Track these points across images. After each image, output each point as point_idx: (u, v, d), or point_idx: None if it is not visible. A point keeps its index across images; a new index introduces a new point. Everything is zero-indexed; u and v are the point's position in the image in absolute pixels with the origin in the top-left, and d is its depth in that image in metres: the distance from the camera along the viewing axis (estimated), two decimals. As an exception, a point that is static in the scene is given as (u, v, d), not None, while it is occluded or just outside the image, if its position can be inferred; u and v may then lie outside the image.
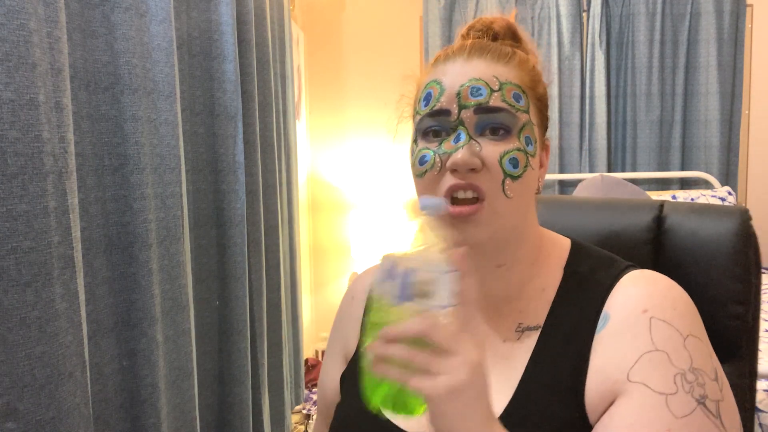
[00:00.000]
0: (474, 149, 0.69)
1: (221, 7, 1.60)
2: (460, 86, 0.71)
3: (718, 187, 3.25)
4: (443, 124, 0.72)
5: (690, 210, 0.95)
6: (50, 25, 0.91)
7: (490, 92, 0.70)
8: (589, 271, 0.76)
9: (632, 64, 3.34)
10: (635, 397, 0.63)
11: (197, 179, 1.60)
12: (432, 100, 0.73)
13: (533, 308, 0.76)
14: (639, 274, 0.74)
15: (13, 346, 0.84)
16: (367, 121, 3.48)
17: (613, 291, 0.72)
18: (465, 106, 0.70)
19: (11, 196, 0.84)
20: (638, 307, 0.68)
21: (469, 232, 0.70)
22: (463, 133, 0.70)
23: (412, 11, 3.46)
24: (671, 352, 0.64)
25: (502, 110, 0.70)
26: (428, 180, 0.72)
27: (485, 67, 0.72)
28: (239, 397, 1.70)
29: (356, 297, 0.90)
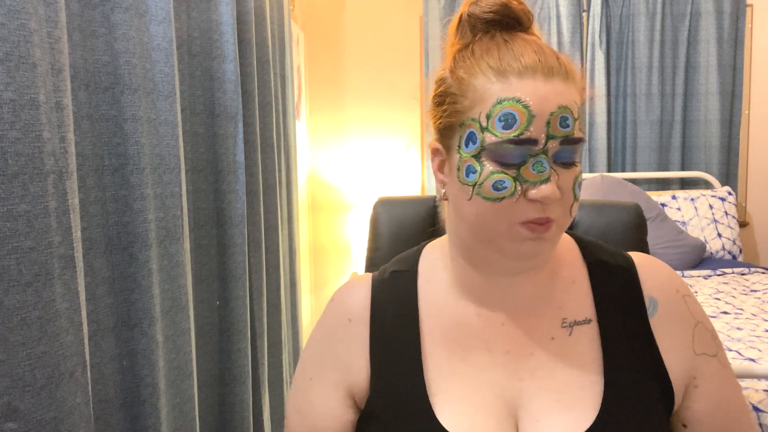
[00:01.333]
0: (555, 180, 0.68)
1: (221, 7, 1.60)
2: (550, 114, 0.66)
3: (718, 187, 3.25)
4: (525, 152, 0.67)
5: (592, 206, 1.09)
6: (50, 25, 0.91)
7: (574, 122, 0.68)
8: (609, 259, 0.81)
9: (632, 64, 3.35)
10: (704, 367, 0.77)
11: (197, 179, 1.60)
12: (518, 127, 0.66)
13: (571, 301, 0.78)
14: (646, 257, 0.82)
15: (14, 346, 0.84)
16: (367, 121, 3.48)
17: (641, 275, 0.79)
18: (553, 137, 0.67)
19: (12, 196, 0.84)
20: (672, 289, 0.79)
21: (539, 248, 0.70)
22: (545, 162, 0.67)
23: (412, 11, 3.46)
24: (703, 320, 0.79)
25: (581, 141, 0.69)
26: (505, 207, 0.68)
27: (565, 89, 0.68)
28: (239, 397, 1.69)
29: (354, 319, 0.80)
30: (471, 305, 0.78)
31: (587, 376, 0.73)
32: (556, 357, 0.74)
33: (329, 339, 0.81)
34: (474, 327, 0.76)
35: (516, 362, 0.74)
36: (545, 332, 0.76)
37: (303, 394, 0.81)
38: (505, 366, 0.74)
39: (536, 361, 0.74)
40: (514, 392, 0.73)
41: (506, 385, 0.73)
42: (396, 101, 3.47)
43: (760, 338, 1.95)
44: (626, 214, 1.07)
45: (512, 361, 0.74)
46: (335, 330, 0.81)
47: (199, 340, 1.58)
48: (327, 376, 0.79)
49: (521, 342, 0.75)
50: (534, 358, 0.74)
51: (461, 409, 0.72)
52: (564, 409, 0.71)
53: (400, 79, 3.48)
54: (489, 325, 0.76)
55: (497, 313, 0.77)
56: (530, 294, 0.77)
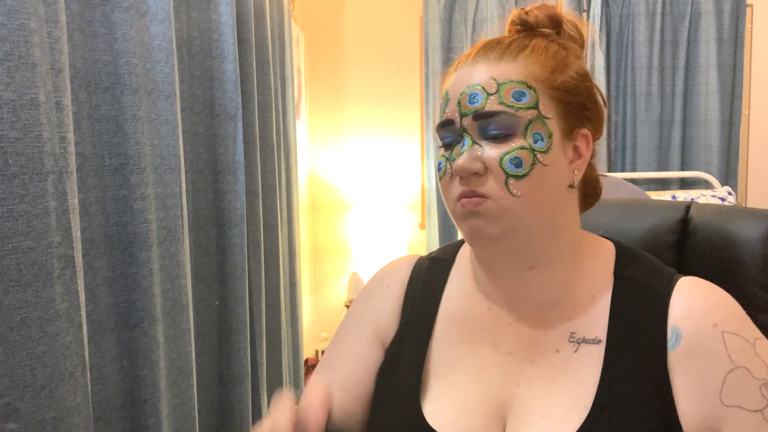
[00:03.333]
0: (475, 154, 0.70)
1: (221, 7, 1.60)
2: (461, 94, 0.71)
3: (718, 187, 3.25)
4: (452, 133, 0.73)
5: (716, 212, 0.90)
6: (51, 25, 0.91)
7: (486, 96, 0.70)
8: (643, 277, 0.73)
9: (632, 64, 3.34)
10: (736, 423, 0.65)
11: (197, 179, 1.60)
12: (441, 112, 0.74)
13: (585, 317, 0.73)
14: (693, 282, 0.72)
15: (14, 346, 0.84)
16: (367, 121, 3.48)
17: (673, 301, 0.70)
18: (465, 114, 0.71)
19: (12, 196, 0.84)
20: (708, 322, 0.68)
21: (478, 225, 0.70)
22: (467, 140, 0.71)
23: (412, 11, 3.46)
24: (749, 365, 0.66)
25: (499, 113, 0.69)
26: (444, 186, 0.73)
27: (486, 69, 0.71)
28: (239, 397, 1.70)
29: (392, 287, 0.86)
30: (484, 299, 0.78)
31: (582, 399, 0.69)
32: (556, 371, 0.71)
33: (368, 299, 0.87)
34: (485, 321, 0.77)
35: (516, 366, 0.73)
36: (551, 342, 0.73)
37: (338, 344, 0.86)
38: (505, 368, 0.74)
39: (536, 370, 0.72)
40: (508, 396, 0.72)
41: (502, 387, 0.73)
42: (396, 101, 3.47)
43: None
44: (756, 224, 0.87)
45: (513, 365, 0.74)
46: (375, 293, 0.87)
47: (199, 340, 1.58)
48: (364, 329, 0.85)
49: (525, 347, 0.74)
50: (535, 366, 0.72)
51: (451, 401, 0.74)
52: (548, 427, 0.68)
53: (400, 79, 3.47)
54: (497, 322, 0.76)
55: (506, 311, 0.76)
56: (538, 298, 0.75)
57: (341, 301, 3.47)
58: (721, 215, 0.89)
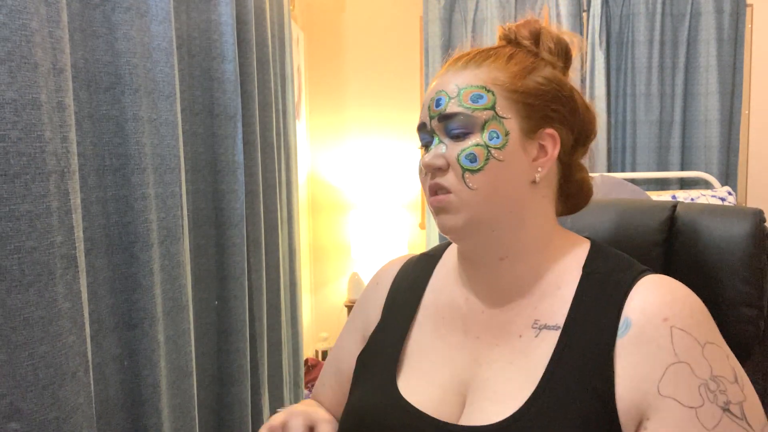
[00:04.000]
0: (439, 151, 0.78)
1: (221, 7, 1.60)
2: (430, 100, 0.80)
3: (718, 187, 3.25)
4: (426, 134, 0.82)
5: (702, 211, 0.93)
6: (52, 25, 0.91)
7: (447, 100, 0.78)
8: (608, 272, 0.78)
9: (632, 64, 3.34)
10: (668, 413, 0.67)
11: (197, 179, 1.60)
12: None
13: (549, 306, 0.78)
14: (657, 279, 0.75)
15: (17, 346, 0.84)
16: (367, 121, 3.48)
17: (632, 294, 0.73)
18: (432, 117, 0.79)
19: (14, 196, 0.84)
20: (659, 315, 0.70)
21: (444, 220, 0.79)
22: (436, 139, 0.80)
23: (412, 11, 3.46)
24: (693, 363, 0.68)
25: (457, 114, 0.77)
26: (422, 183, 0.83)
27: (452, 77, 0.80)
28: (238, 397, 1.70)
29: (381, 283, 0.97)
30: (464, 290, 0.85)
31: (531, 378, 0.74)
32: (515, 354, 0.77)
33: (363, 298, 0.99)
34: (461, 310, 0.84)
35: (481, 349, 0.80)
36: (516, 329, 0.79)
37: (339, 338, 1.01)
38: (471, 350, 0.80)
39: (498, 353, 0.78)
40: (469, 375, 0.79)
41: (465, 367, 0.79)
42: (396, 101, 3.47)
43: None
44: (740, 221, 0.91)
45: (479, 347, 0.80)
46: (367, 291, 0.99)
47: (198, 340, 1.58)
48: (355, 325, 0.98)
49: (493, 332, 0.80)
50: (498, 349, 0.78)
51: (421, 380, 0.81)
52: (497, 402, 0.74)
53: (400, 79, 3.47)
54: (472, 311, 0.83)
55: (482, 301, 0.82)
56: (508, 287, 0.80)
57: (341, 301, 3.47)
58: (706, 214, 0.93)
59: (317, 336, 3.46)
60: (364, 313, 0.97)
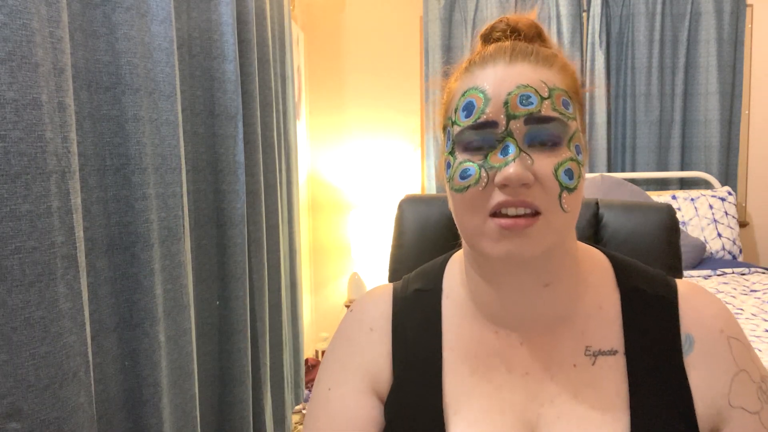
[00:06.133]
0: (526, 163, 0.63)
1: (221, 7, 1.60)
2: (508, 94, 0.64)
3: (718, 187, 3.25)
4: (488, 137, 0.65)
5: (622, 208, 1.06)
6: (53, 25, 0.91)
7: (540, 100, 0.64)
8: (647, 286, 0.75)
9: (632, 64, 3.35)
10: (738, 422, 0.68)
11: (198, 179, 1.60)
12: (476, 112, 0.65)
13: (597, 330, 0.72)
14: (692, 288, 0.75)
15: (18, 346, 0.84)
16: (367, 121, 3.48)
17: (682, 308, 0.73)
18: (514, 117, 0.64)
19: (15, 196, 0.84)
20: (715, 327, 0.71)
21: (523, 247, 0.64)
22: (512, 146, 0.64)
23: (412, 11, 3.46)
24: (749, 369, 0.71)
25: (553, 120, 0.64)
26: (472, 196, 0.65)
27: (531, 71, 0.66)
28: (239, 397, 1.70)
29: (375, 328, 0.79)
30: (489, 322, 0.75)
31: (610, 410, 0.69)
32: (577, 386, 0.70)
33: (350, 347, 0.79)
34: (493, 345, 0.74)
35: (536, 386, 0.71)
36: (566, 358, 0.72)
37: (322, 405, 0.77)
38: (525, 388, 0.71)
39: (556, 387, 0.71)
40: (533, 416, 0.70)
41: (526, 409, 0.71)
42: (396, 101, 3.47)
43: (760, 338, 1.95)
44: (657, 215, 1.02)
45: (532, 384, 0.71)
46: (356, 338, 0.79)
47: (199, 340, 1.58)
48: (356, 377, 0.77)
49: (541, 365, 0.72)
50: (554, 383, 0.71)
51: (479, 429, 0.70)
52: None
53: (400, 79, 3.47)
54: (508, 344, 0.73)
55: (515, 332, 0.73)
56: (548, 314, 0.73)
57: (341, 301, 3.47)
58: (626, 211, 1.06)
59: (317, 336, 3.46)
60: (365, 364, 0.77)
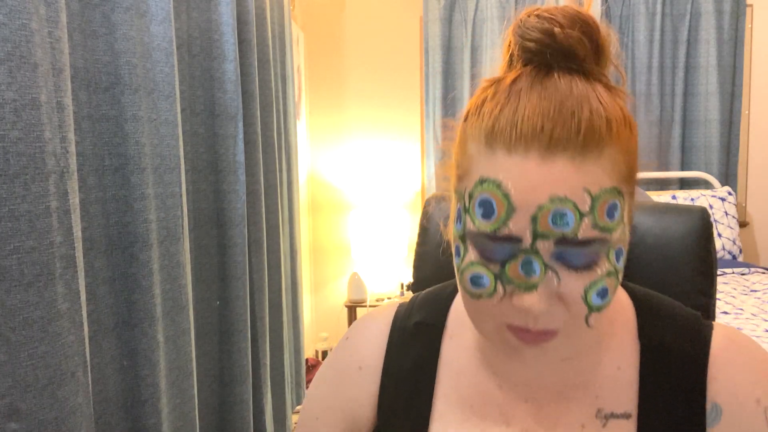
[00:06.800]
0: (551, 286, 0.54)
1: (221, 7, 1.60)
2: (538, 208, 0.51)
3: (718, 187, 3.25)
4: (508, 249, 0.54)
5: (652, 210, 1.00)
6: (51, 25, 0.91)
7: (579, 219, 0.52)
8: (671, 340, 0.65)
9: (632, 64, 3.34)
10: None
11: (198, 179, 1.60)
12: (495, 220, 0.53)
13: (611, 391, 0.65)
14: (731, 346, 0.65)
15: (16, 346, 0.84)
16: (367, 121, 3.48)
17: (711, 372, 0.63)
18: (543, 236, 0.52)
19: (13, 196, 0.84)
20: (750, 397, 0.61)
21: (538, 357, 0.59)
22: (536, 264, 0.53)
23: (412, 11, 3.46)
24: None
25: (593, 242, 0.53)
26: (484, 305, 0.57)
27: (572, 171, 0.52)
28: (240, 397, 1.70)
29: (364, 366, 0.73)
30: (493, 374, 0.68)
31: None
32: None
33: (338, 383, 0.75)
34: (494, 397, 0.67)
35: None
36: (575, 419, 0.65)
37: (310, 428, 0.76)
38: None
39: None
40: None
41: None
42: (396, 101, 3.47)
43: (760, 338, 1.95)
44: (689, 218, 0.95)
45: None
46: (344, 375, 0.75)
47: (199, 340, 1.58)
48: (333, 421, 0.74)
49: (546, 424, 0.65)
50: None
51: None
52: None
53: (400, 79, 3.47)
54: (511, 399, 0.67)
55: (522, 388, 0.67)
56: (567, 384, 0.66)
57: (341, 301, 3.47)
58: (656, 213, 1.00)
59: (317, 336, 3.46)
60: (346, 407, 0.73)
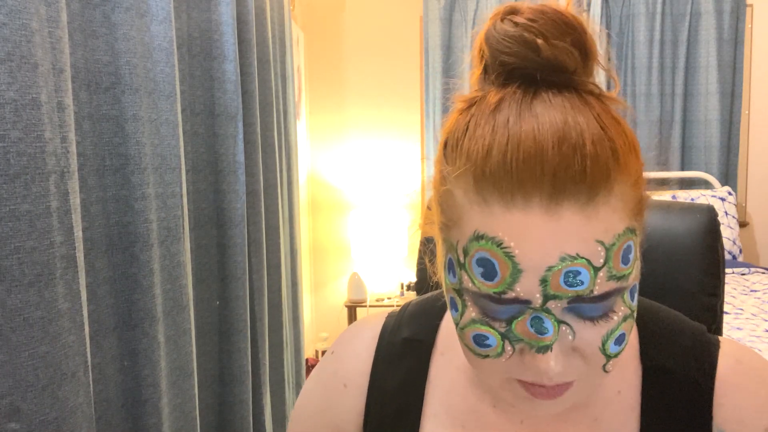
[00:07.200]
0: (566, 341, 0.49)
1: (221, 7, 1.60)
2: (547, 269, 0.46)
3: (718, 187, 3.25)
4: (514, 309, 0.49)
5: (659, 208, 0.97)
6: (52, 25, 0.91)
7: (594, 275, 0.47)
8: (676, 365, 0.61)
9: (632, 64, 3.35)
10: None
11: (198, 179, 1.60)
12: (498, 282, 0.48)
13: (612, 417, 0.62)
14: (738, 369, 0.61)
15: (17, 346, 0.84)
16: (367, 121, 3.48)
17: (718, 398, 0.60)
18: (556, 298, 0.47)
19: (14, 196, 0.84)
20: (759, 425, 0.58)
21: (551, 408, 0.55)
22: (548, 322, 0.48)
23: (412, 11, 3.46)
24: None
25: (610, 294, 0.48)
26: (491, 364, 0.52)
27: (582, 222, 0.46)
28: (240, 397, 1.69)
29: (350, 385, 0.70)
30: (486, 393, 0.64)
31: None
32: None
33: (323, 400, 0.72)
34: (488, 418, 0.64)
35: None
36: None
37: None
38: None
39: None
40: None
41: None
42: (396, 101, 3.47)
43: (760, 338, 1.95)
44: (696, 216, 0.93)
45: None
46: (329, 393, 0.71)
47: (199, 340, 1.58)
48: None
49: None
50: None
51: None
52: None
53: (400, 79, 3.47)
54: (505, 421, 0.63)
55: (517, 409, 0.63)
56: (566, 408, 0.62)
57: (341, 301, 3.47)
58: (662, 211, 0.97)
59: (317, 336, 3.46)
60: (331, 423, 0.70)
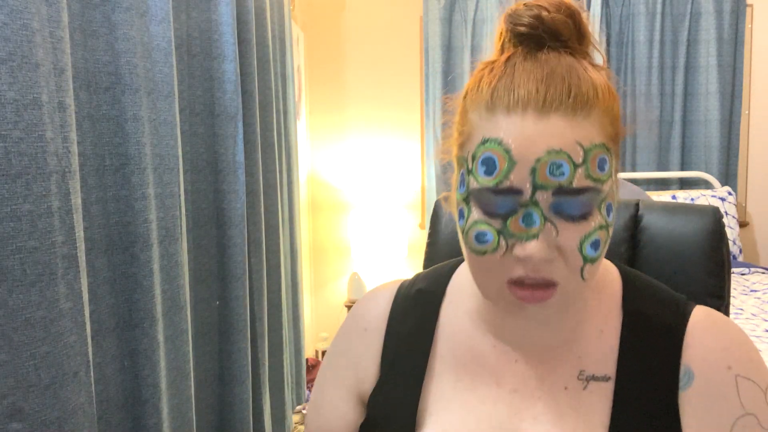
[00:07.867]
0: (550, 236, 0.59)
1: (221, 6, 1.60)
2: (536, 160, 0.57)
3: (718, 187, 3.25)
4: (510, 202, 0.59)
5: (664, 209, 0.99)
6: (53, 25, 0.91)
7: (573, 169, 0.57)
8: (653, 312, 0.70)
9: (632, 64, 3.35)
10: None
11: (197, 179, 1.60)
12: (497, 174, 0.59)
13: (594, 354, 0.69)
14: (708, 319, 0.69)
15: (19, 346, 0.84)
16: (367, 120, 3.48)
17: (687, 340, 0.67)
18: (542, 187, 0.58)
19: (15, 196, 0.84)
20: (722, 364, 0.66)
21: (538, 313, 0.64)
22: (536, 215, 0.58)
23: (412, 11, 3.46)
24: (759, 413, 0.64)
25: (587, 191, 0.58)
26: (488, 262, 0.61)
27: (566, 127, 0.58)
28: (239, 397, 1.70)
29: (370, 328, 0.79)
30: (488, 336, 0.73)
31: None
32: (564, 408, 0.68)
33: (346, 343, 0.82)
34: (487, 358, 0.72)
35: (521, 403, 0.70)
36: (559, 380, 0.69)
37: (320, 392, 0.82)
38: (510, 404, 0.70)
39: (543, 407, 0.69)
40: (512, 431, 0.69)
41: (505, 423, 0.69)
42: (396, 101, 3.47)
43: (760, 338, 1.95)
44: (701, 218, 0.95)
45: (518, 401, 0.70)
46: (352, 336, 0.81)
47: (199, 340, 1.59)
48: (341, 379, 0.80)
49: (532, 384, 0.70)
50: (541, 403, 0.69)
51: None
52: None
53: (400, 78, 3.47)
54: (502, 360, 0.72)
55: (513, 349, 0.71)
56: (550, 338, 0.70)
57: (341, 301, 3.47)
58: (668, 212, 0.98)
59: (317, 336, 3.46)
60: (352, 365, 0.79)
